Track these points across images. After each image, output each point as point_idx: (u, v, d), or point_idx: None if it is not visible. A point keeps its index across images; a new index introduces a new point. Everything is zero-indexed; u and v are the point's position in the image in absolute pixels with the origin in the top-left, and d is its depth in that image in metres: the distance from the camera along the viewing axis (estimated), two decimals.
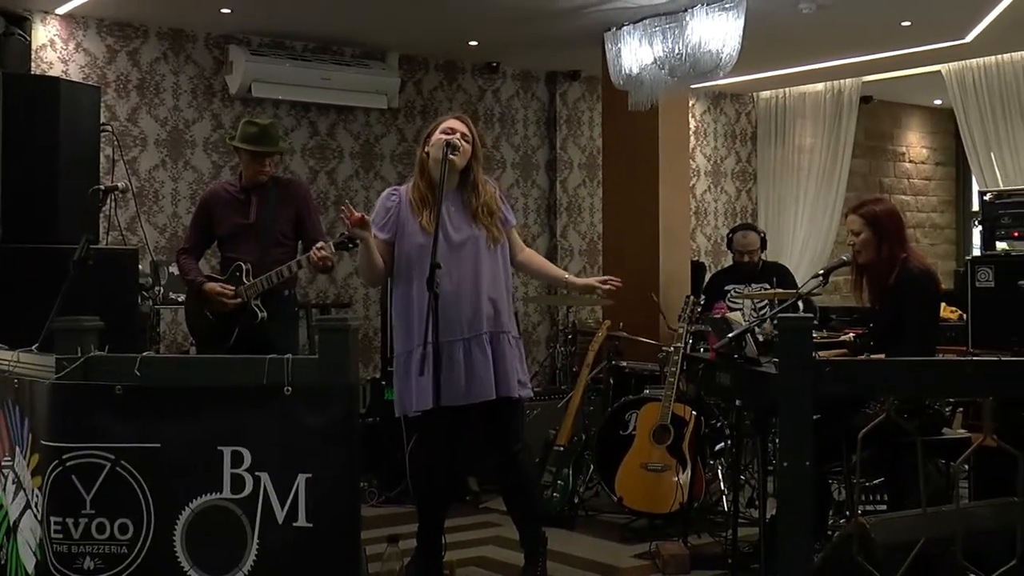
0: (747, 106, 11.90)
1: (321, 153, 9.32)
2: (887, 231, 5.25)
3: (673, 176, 8.83)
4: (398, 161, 9.63)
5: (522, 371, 5.04)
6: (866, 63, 10.14)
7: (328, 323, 3.28)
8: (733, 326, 5.28)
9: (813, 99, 11.40)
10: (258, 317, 5.88)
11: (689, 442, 6.33)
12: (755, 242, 7.77)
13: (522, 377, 5.03)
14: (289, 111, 9.14)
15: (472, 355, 4.88)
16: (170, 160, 8.62)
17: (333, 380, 3.15)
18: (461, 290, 4.87)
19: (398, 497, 6.88)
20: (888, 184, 12.62)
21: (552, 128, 10.60)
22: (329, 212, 9.19)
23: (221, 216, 6.03)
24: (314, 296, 9.20)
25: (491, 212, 5.00)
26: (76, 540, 3.21)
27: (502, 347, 4.95)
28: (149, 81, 8.53)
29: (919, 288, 5.17)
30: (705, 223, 11.53)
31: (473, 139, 5.00)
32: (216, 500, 3.20)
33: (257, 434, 3.18)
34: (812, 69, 10.44)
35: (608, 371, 7.51)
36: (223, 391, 3.23)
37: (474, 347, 4.88)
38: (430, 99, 9.84)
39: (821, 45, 9.46)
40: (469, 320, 4.88)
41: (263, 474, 3.18)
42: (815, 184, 11.30)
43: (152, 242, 8.27)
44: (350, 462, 3.18)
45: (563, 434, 6.73)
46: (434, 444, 4.94)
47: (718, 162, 11.67)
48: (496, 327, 4.95)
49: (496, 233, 4.99)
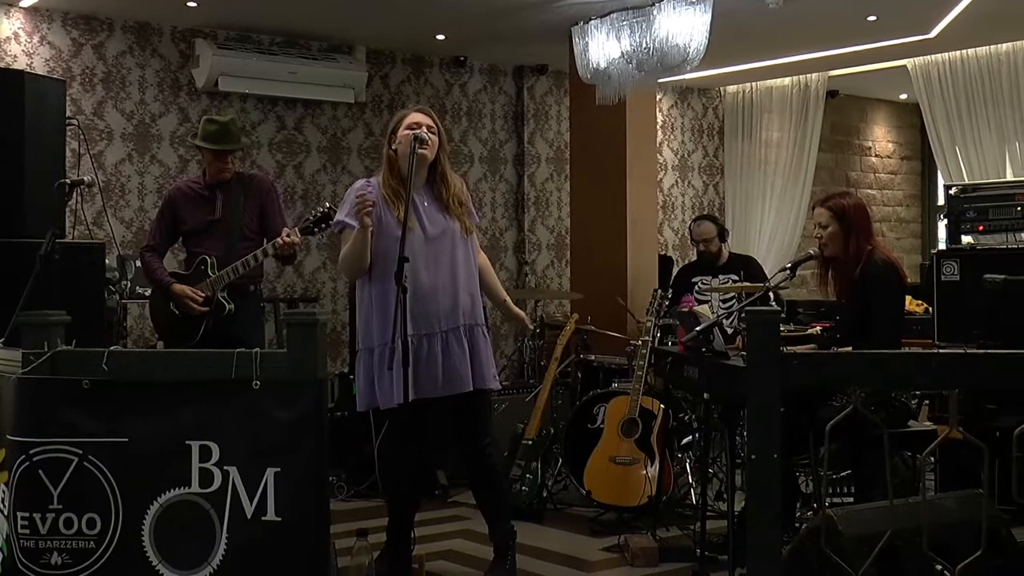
0: (714, 100, 11.93)
1: (288, 147, 9.29)
2: (854, 225, 5.27)
3: (640, 170, 8.85)
4: (365, 155, 9.61)
5: (493, 363, 5.06)
6: (832, 57, 10.19)
7: (296, 317, 3.28)
8: (700, 319, 5.30)
9: (780, 93, 11.45)
10: (226, 309, 5.86)
11: (657, 435, 6.34)
12: (710, 231, 7.76)
13: (494, 368, 5.06)
14: (256, 105, 9.10)
15: (450, 348, 4.87)
16: (136, 154, 8.57)
17: (301, 374, 3.15)
18: (440, 283, 4.86)
19: (367, 491, 6.87)
20: (854, 178, 12.68)
21: (520, 122, 10.60)
22: (296, 206, 9.16)
23: (187, 213, 6.01)
24: (281, 290, 9.17)
25: (461, 203, 5.01)
26: (43, 535, 3.20)
27: (477, 339, 4.97)
28: (115, 75, 8.48)
29: (884, 281, 5.19)
30: (672, 217, 11.56)
31: (439, 131, 4.99)
32: (185, 494, 3.20)
33: (225, 428, 3.17)
34: (779, 64, 10.49)
35: (576, 365, 7.51)
36: (191, 385, 3.23)
37: (451, 339, 4.88)
38: (397, 93, 9.82)
39: (788, 39, 9.50)
40: (448, 312, 4.87)
41: (232, 468, 3.18)
42: (782, 178, 11.35)
43: (119, 236, 8.24)
44: (319, 456, 3.18)
45: (531, 428, 6.73)
46: (405, 438, 4.94)
47: (685, 156, 11.70)
48: (472, 319, 4.96)
49: (468, 224, 5.01)
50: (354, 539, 4.85)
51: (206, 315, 5.85)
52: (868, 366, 3.07)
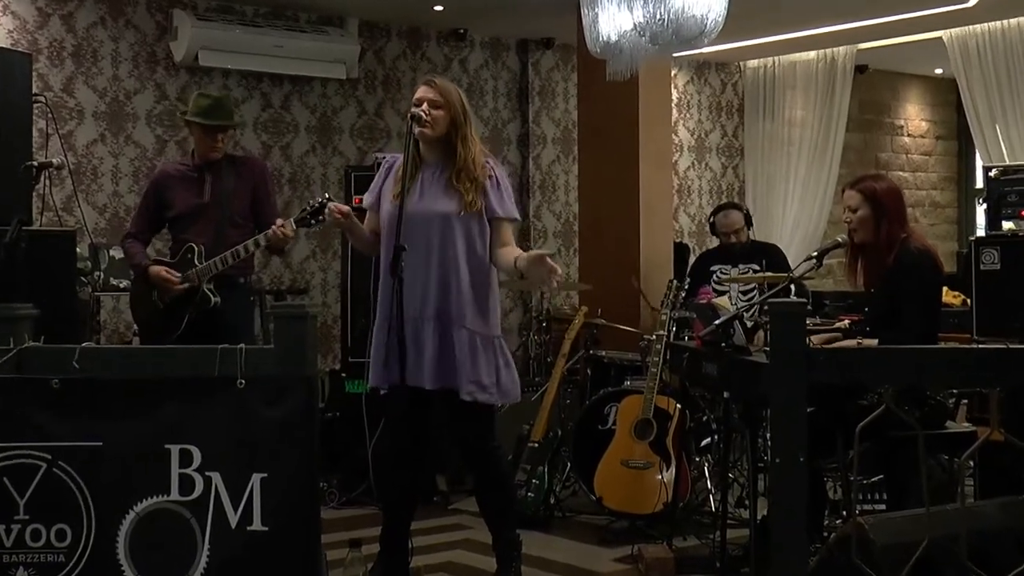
0: (733, 76, 11.91)
1: (275, 127, 9.28)
2: (886, 209, 5.26)
3: (654, 152, 8.84)
4: (358, 135, 9.61)
5: (487, 373, 4.95)
6: (861, 29, 10.16)
7: (284, 310, 3.27)
8: (720, 312, 5.29)
9: (804, 68, 11.43)
10: (211, 302, 5.86)
11: (673, 437, 6.33)
12: (738, 221, 7.75)
13: (485, 379, 4.95)
14: (239, 81, 9.09)
15: (421, 337, 4.88)
16: (110, 134, 8.56)
17: (290, 372, 3.15)
18: (417, 266, 4.85)
19: (360, 498, 6.87)
20: (885, 160, 12.67)
21: (524, 100, 10.59)
22: (284, 191, 9.16)
23: (173, 196, 6.02)
24: (268, 281, 9.17)
25: (472, 178, 4.92)
26: (8, 548, 3.19)
27: (459, 339, 4.89)
28: (86, 48, 8.47)
29: (919, 270, 5.18)
30: (689, 202, 11.56)
31: (449, 103, 4.96)
32: (163, 503, 3.19)
33: (207, 431, 3.17)
34: (803, 36, 10.47)
35: (585, 361, 7.52)
36: (170, 384, 3.22)
37: (421, 330, 4.88)
38: (392, 69, 9.82)
39: (813, 10, 9.48)
40: (420, 299, 4.87)
41: (214, 474, 3.17)
42: (806, 160, 11.34)
43: (91, 223, 8.23)
44: (309, 460, 3.18)
45: (538, 429, 6.73)
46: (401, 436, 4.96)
47: (702, 136, 11.69)
48: (448, 316, 4.90)
49: (472, 198, 4.90)
50: (347, 550, 4.84)
51: (189, 300, 5.84)
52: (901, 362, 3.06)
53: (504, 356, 5.02)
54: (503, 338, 5.09)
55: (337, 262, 9.00)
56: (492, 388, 4.95)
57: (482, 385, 4.91)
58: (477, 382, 4.89)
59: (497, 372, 4.97)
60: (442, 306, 4.89)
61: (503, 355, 5.02)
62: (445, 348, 4.88)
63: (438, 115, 4.92)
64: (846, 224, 5.42)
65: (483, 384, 4.92)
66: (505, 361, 5.02)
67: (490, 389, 4.94)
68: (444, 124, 4.93)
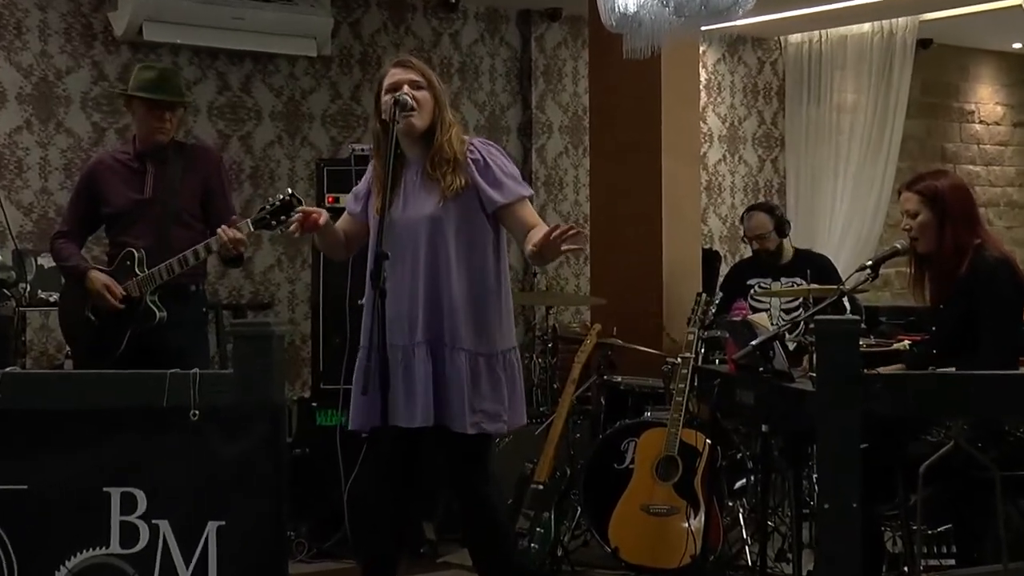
0: (773, 53, 11.93)
1: (233, 113, 9.30)
2: (952, 212, 5.27)
3: (679, 142, 8.84)
4: (331, 123, 9.62)
5: (493, 398, 4.95)
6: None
7: (246, 329, 3.27)
8: (758, 331, 5.30)
9: (857, 43, 11.45)
10: (156, 318, 5.86)
11: (702, 478, 6.34)
12: (764, 224, 7.78)
13: (493, 405, 4.97)
14: (191, 59, 9.09)
15: (412, 367, 4.85)
16: (37, 121, 8.57)
17: (252, 401, 3.14)
18: (404, 281, 4.84)
19: (334, 549, 6.87)
20: (952, 151, 12.69)
21: (526, 82, 10.61)
22: (244, 188, 9.17)
23: (109, 190, 6.02)
24: (226, 295, 9.18)
25: (449, 159, 4.87)
26: None
27: (454, 364, 4.87)
28: (7, 19, 8.48)
29: (996, 282, 5.19)
30: (719, 201, 11.57)
31: (431, 82, 4.94)
32: (101, 556, 3.19)
33: (154, 471, 3.16)
34: (856, 5, 10.48)
35: (598, 388, 7.52)
36: (110, 416, 3.21)
37: (415, 357, 4.85)
38: (371, 45, 9.83)
39: None
40: (409, 320, 4.85)
41: (162, 522, 3.17)
42: (859, 152, 11.35)
43: (15, 226, 8.21)
44: (274, 506, 3.17)
45: (542, 468, 6.73)
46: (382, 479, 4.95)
47: (736, 124, 11.71)
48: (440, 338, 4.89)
49: (450, 181, 4.85)
50: None
51: (130, 315, 5.83)
52: (974, 390, 3.06)
53: (511, 371, 4.99)
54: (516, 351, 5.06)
55: (307, 272, 8.99)
56: (503, 414, 4.94)
57: (489, 413, 4.90)
58: (483, 411, 4.88)
59: (507, 393, 4.94)
60: (433, 327, 4.87)
61: (509, 370, 4.98)
62: (439, 376, 4.86)
63: (424, 97, 4.88)
64: (905, 231, 5.42)
65: (490, 412, 4.90)
66: (511, 377, 4.99)
67: (501, 416, 4.93)
68: (431, 109, 4.90)
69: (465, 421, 4.82)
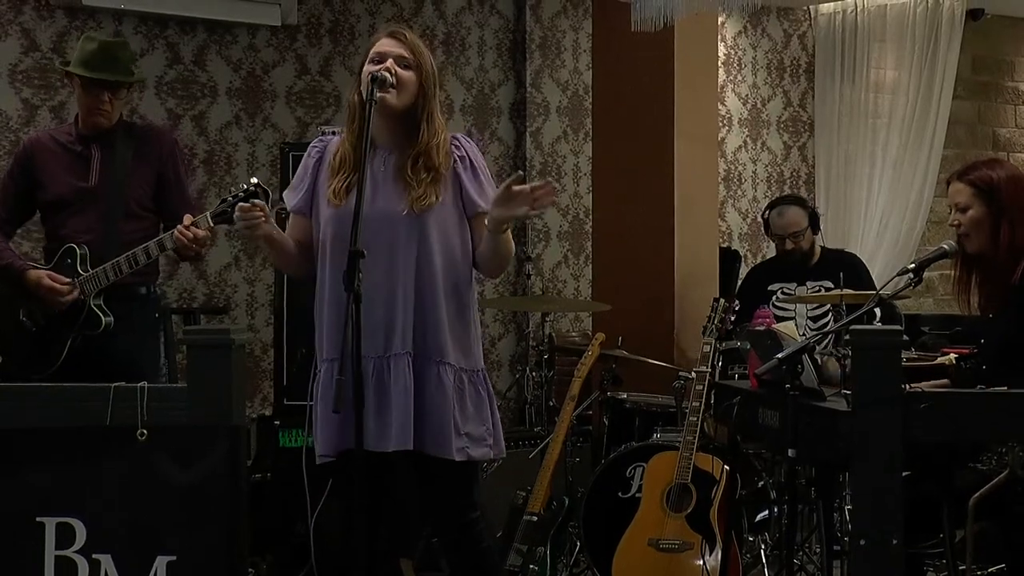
0: (801, 25, 11.94)
1: (184, 89, 9.28)
2: (1008, 207, 5.29)
3: (694, 126, 8.87)
4: (297, 102, 9.61)
5: (478, 420, 4.97)
6: None
7: (201, 337, 3.28)
8: (784, 342, 5.31)
9: (897, 14, 11.46)
10: (101, 324, 5.85)
11: (719, 510, 6.35)
12: (799, 221, 7.79)
13: (474, 429, 4.96)
14: (137, 27, 9.08)
15: (385, 382, 4.84)
16: None
17: (208, 419, 3.15)
18: (376, 287, 4.82)
19: None
20: (1006, 137, 12.69)
21: (520, 56, 10.61)
22: (198, 175, 9.15)
23: (47, 174, 6.01)
24: (175, 297, 9.16)
25: (430, 166, 4.88)
26: None
27: (439, 381, 4.87)
28: None
29: None
30: (739, 193, 11.58)
31: (421, 64, 4.95)
32: None
33: (96, 499, 3.17)
34: None
35: (601, 406, 7.53)
36: (45, 436, 3.22)
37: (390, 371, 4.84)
38: (343, 13, 9.82)
39: None
40: (385, 329, 4.84)
41: (104, 557, 3.17)
42: (899, 138, 11.36)
43: None
44: (231, 537, 3.18)
45: (537, 498, 6.74)
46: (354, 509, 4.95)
47: (758, 106, 11.72)
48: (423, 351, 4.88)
49: (421, 193, 4.84)
50: None
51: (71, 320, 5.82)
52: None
53: (491, 392, 5.03)
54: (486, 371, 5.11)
55: (268, 272, 8.99)
56: (488, 438, 4.97)
57: (475, 437, 4.92)
58: (468, 434, 4.89)
59: (491, 416, 4.98)
60: (415, 338, 4.87)
61: (489, 390, 5.02)
62: (418, 394, 4.86)
63: (407, 77, 4.88)
64: (953, 228, 5.43)
65: (475, 435, 4.92)
66: (492, 398, 5.03)
67: (487, 440, 4.96)
68: (412, 91, 4.90)
69: (450, 446, 4.82)
